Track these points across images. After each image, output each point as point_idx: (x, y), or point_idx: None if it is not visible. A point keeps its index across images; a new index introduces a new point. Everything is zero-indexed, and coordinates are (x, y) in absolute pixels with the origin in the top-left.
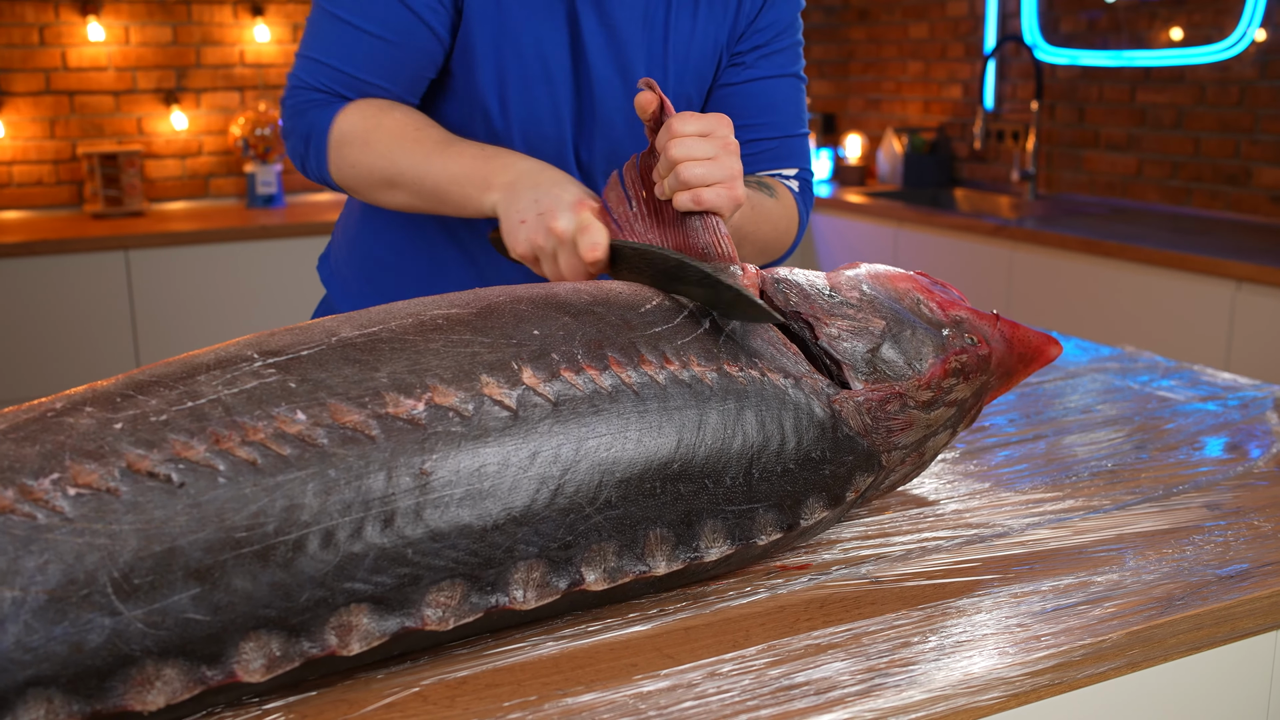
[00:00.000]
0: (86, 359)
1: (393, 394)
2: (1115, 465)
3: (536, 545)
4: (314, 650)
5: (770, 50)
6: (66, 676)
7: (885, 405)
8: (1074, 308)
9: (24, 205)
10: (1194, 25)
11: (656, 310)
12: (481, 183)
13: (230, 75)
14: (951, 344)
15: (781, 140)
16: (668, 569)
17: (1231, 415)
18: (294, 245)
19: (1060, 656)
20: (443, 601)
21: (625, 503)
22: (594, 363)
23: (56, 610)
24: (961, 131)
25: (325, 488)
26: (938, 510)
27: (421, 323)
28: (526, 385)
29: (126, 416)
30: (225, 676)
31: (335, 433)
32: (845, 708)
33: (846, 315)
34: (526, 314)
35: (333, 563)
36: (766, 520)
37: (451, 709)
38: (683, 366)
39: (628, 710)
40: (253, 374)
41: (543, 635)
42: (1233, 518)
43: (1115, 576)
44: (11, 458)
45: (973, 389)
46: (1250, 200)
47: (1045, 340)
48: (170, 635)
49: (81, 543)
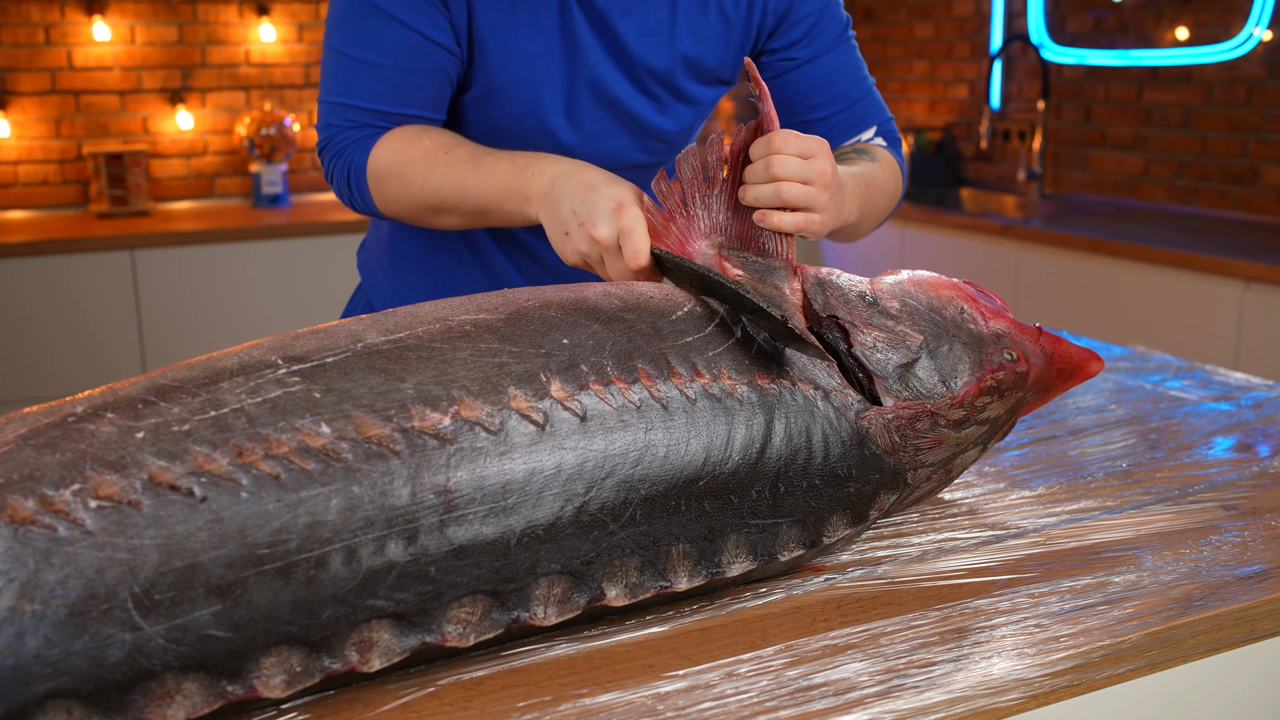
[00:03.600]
0: (92, 359)
1: (419, 406)
2: (1130, 465)
3: (559, 562)
4: (335, 666)
5: (814, 33)
6: (87, 689)
7: (915, 423)
8: (1081, 308)
9: (29, 205)
10: (1201, 25)
11: (688, 317)
12: (520, 197)
13: (236, 75)
14: (990, 360)
15: (851, 107)
16: (689, 584)
17: (1245, 415)
18: (299, 245)
19: (1079, 658)
20: (464, 618)
21: (650, 520)
22: (623, 375)
23: (77, 625)
24: (968, 131)
25: (349, 504)
26: (953, 510)
27: (449, 329)
28: (554, 398)
29: (149, 425)
30: (245, 691)
31: (360, 447)
32: (864, 709)
33: (884, 327)
34: (556, 320)
35: (355, 580)
36: (790, 537)
37: (468, 709)
38: (713, 380)
39: (646, 711)
40: (276, 382)
41: (559, 636)
42: (1249, 518)
43: (1133, 577)
44: (32, 466)
45: (1007, 406)
46: (1258, 200)
47: (1087, 356)
48: (191, 651)
49: (102, 556)
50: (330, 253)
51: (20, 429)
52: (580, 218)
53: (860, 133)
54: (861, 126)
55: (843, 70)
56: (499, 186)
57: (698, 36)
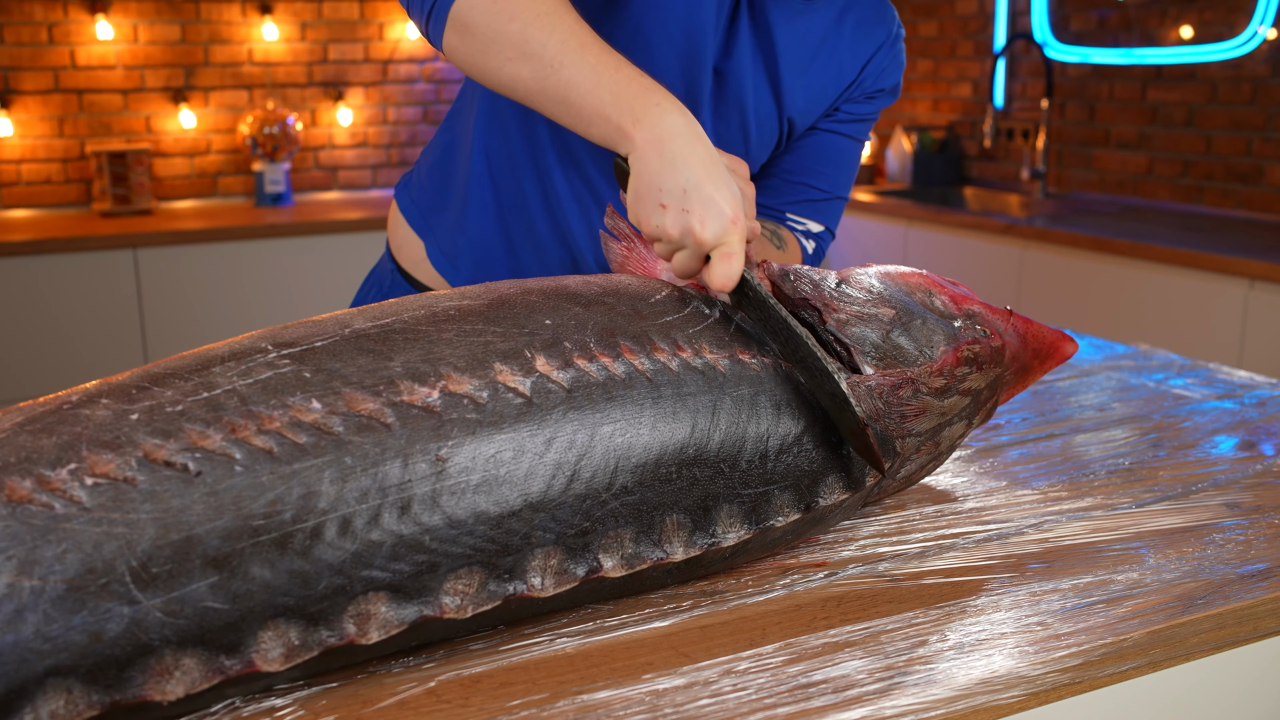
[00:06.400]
0: (95, 358)
1: (407, 382)
2: (1132, 463)
3: (554, 532)
4: (332, 639)
5: (862, 118)
6: (86, 666)
7: (897, 390)
8: (1085, 306)
9: (32, 204)
10: (1205, 23)
11: (667, 300)
12: (628, 114)
13: (239, 74)
14: (963, 334)
15: (827, 198)
16: (685, 555)
17: (1249, 413)
18: (302, 244)
19: (1081, 656)
20: (460, 589)
21: (641, 488)
22: (607, 350)
23: (75, 599)
24: (971, 130)
25: (342, 475)
26: (954, 508)
27: (434, 314)
28: (540, 373)
29: (142, 407)
30: (244, 666)
31: (351, 420)
32: (863, 706)
33: (856, 304)
34: (538, 304)
35: (350, 550)
36: (783, 501)
37: (466, 706)
38: (695, 354)
39: (644, 708)
40: (267, 365)
41: (558, 633)
42: (1253, 516)
43: (1135, 575)
44: (29, 449)
45: (987, 380)
46: (1262, 198)
47: (1060, 337)
48: (189, 624)
49: (99, 532)
50: (333, 252)
51: (17, 418)
52: (688, 203)
53: (811, 221)
54: (818, 218)
55: (847, 165)
56: (612, 87)
57: (811, 95)
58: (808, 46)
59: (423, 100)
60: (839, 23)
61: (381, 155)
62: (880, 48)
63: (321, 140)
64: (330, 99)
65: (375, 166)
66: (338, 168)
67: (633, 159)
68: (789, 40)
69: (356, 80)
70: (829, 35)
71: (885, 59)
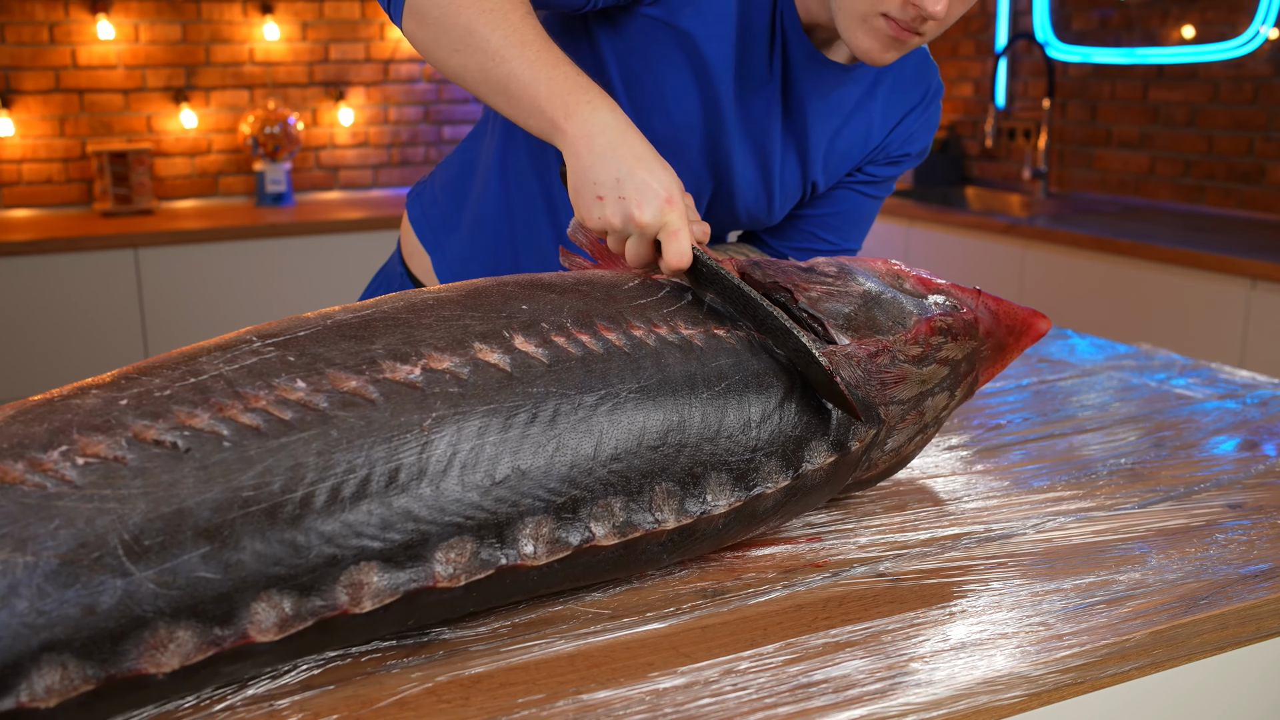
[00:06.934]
0: (96, 357)
1: (389, 361)
2: (1134, 463)
3: (543, 500)
4: (326, 609)
5: (884, 179)
6: (80, 640)
7: (875, 358)
8: (1086, 306)
9: (34, 203)
10: (1207, 23)
11: (639, 287)
12: (561, 109)
13: (240, 73)
14: (934, 309)
15: (834, 249)
16: (677, 522)
17: (1251, 413)
18: (303, 244)
19: (1083, 656)
20: (453, 558)
21: (629, 455)
22: (584, 329)
23: (69, 573)
24: (973, 129)
25: (329, 447)
26: (955, 508)
27: (413, 304)
28: (520, 350)
29: (131, 394)
30: (238, 637)
31: (335, 397)
32: (864, 706)
33: (825, 283)
34: (514, 293)
35: (340, 519)
36: (771, 468)
37: (466, 706)
38: (671, 330)
39: (644, 707)
40: (252, 352)
41: (558, 633)
42: (1255, 516)
43: (1137, 575)
44: (20, 435)
45: (964, 351)
46: (1264, 198)
47: (1032, 314)
48: (182, 595)
49: (91, 508)
50: (334, 252)
51: (9, 412)
52: (623, 190)
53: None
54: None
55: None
56: (549, 83)
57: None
58: (840, 116)
59: (424, 100)
60: (875, 85)
61: (383, 155)
62: (912, 110)
63: (322, 140)
64: (331, 99)
65: (376, 166)
66: (339, 167)
67: (566, 155)
68: (820, 114)
69: (357, 80)
70: (862, 101)
71: (915, 123)
